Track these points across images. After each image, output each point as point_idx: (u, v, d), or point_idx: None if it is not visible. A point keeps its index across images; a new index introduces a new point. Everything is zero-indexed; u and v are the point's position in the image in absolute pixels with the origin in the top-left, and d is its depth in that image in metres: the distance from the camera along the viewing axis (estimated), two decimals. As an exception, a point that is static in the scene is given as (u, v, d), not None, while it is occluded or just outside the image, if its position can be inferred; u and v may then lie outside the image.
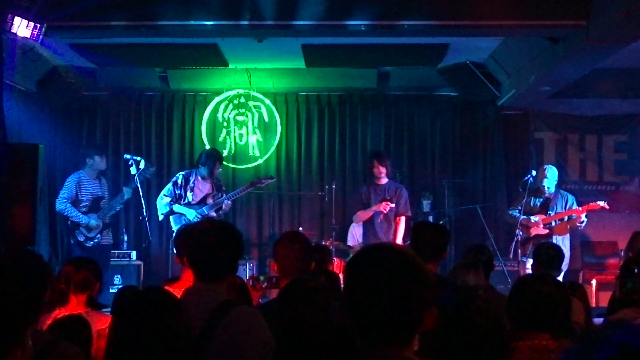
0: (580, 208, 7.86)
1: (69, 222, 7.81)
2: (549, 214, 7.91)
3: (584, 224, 7.92)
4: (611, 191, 9.35)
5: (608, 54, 6.79)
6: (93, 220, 7.84)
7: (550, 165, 8.20)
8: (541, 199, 8.00)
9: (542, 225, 7.88)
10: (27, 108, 8.42)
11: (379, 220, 7.69)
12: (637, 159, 9.32)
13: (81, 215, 7.78)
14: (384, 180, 7.78)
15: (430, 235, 4.23)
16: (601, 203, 7.86)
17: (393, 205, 7.63)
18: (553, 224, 7.95)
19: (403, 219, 7.74)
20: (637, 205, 9.25)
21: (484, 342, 2.45)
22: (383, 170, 7.71)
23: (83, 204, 7.87)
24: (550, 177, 7.96)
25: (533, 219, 7.89)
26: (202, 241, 2.89)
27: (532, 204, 8.03)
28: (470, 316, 2.47)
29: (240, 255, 3.01)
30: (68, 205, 7.75)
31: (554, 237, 7.85)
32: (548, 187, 7.95)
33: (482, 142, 9.47)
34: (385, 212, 7.61)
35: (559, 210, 7.95)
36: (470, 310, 2.49)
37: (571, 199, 8.04)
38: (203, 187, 7.96)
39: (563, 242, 7.72)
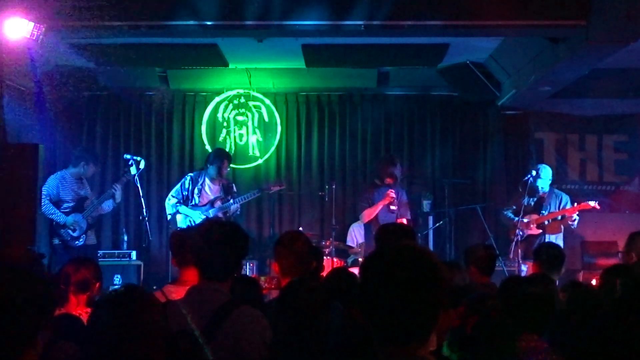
0: (572, 207, 7.90)
1: (54, 222, 7.70)
2: (542, 213, 7.93)
3: (576, 223, 7.94)
4: (611, 191, 9.35)
5: (608, 54, 6.80)
6: (70, 218, 7.63)
7: (544, 165, 8.23)
8: (535, 199, 8.01)
9: (534, 225, 7.89)
10: (27, 108, 8.41)
11: (382, 222, 7.63)
12: (637, 159, 9.32)
13: (60, 214, 7.61)
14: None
15: (394, 237, 4.15)
16: (592, 203, 7.86)
17: (394, 196, 7.63)
18: (546, 223, 7.97)
19: (404, 221, 7.69)
20: (637, 205, 9.25)
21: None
22: (398, 177, 7.78)
23: (67, 204, 7.72)
24: (544, 177, 7.98)
25: (525, 219, 7.89)
26: (208, 240, 2.92)
27: (525, 203, 8.06)
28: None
29: (245, 255, 3.04)
30: (46, 202, 7.58)
31: (547, 235, 7.88)
32: (542, 187, 7.98)
33: (482, 142, 9.47)
34: (391, 199, 7.58)
35: (552, 209, 7.98)
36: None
37: (565, 198, 8.07)
38: (212, 189, 7.97)
39: (556, 241, 7.75)
